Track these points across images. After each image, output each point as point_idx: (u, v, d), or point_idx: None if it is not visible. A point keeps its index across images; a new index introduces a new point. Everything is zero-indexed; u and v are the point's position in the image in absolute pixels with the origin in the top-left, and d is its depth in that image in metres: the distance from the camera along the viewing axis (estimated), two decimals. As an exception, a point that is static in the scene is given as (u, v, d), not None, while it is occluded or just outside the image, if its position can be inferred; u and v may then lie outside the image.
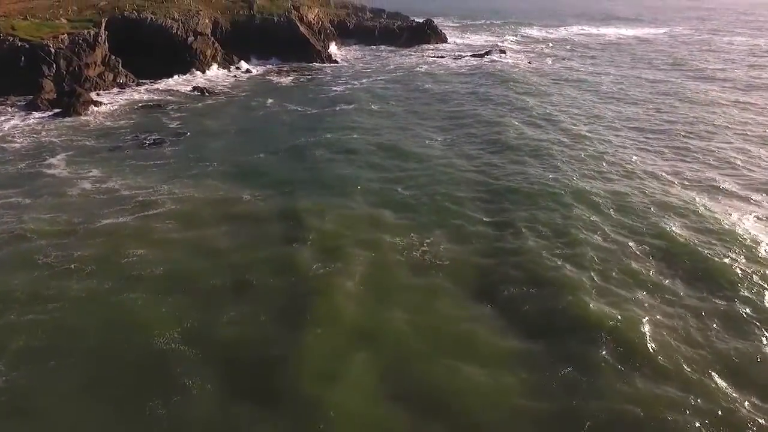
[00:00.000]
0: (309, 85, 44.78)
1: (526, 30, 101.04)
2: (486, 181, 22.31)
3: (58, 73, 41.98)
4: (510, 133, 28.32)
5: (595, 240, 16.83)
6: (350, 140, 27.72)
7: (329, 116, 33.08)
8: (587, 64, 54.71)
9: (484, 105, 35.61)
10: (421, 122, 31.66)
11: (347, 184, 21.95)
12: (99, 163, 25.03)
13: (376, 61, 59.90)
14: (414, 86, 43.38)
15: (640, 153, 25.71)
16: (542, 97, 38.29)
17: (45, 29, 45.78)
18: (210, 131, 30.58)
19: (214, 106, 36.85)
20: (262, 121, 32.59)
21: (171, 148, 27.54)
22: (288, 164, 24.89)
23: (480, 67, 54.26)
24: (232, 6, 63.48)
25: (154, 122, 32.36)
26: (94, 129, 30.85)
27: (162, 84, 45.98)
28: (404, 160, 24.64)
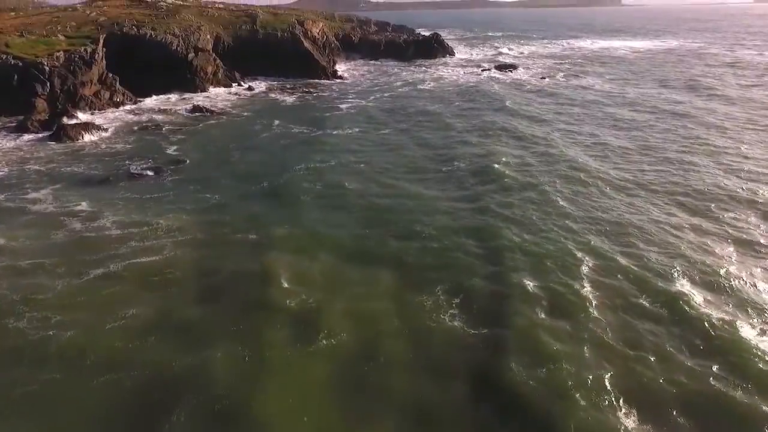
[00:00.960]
0: (314, 104, 42.84)
1: (534, 43, 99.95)
2: (490, 236, 19.37)
3: (52, 92, 40.10)
4: (523, 177, 24.45)
5: (607, 319, 14.21)
6: (354, 173, 25.17)
7: (333, 142, 30.39)
8: (602, 81, 52.37)
9: (494, 138, 31.33)
10: (426, 154, 28.84)
11: (353, 237, 19.44)
12: (90, 195, 22.84)
13: (383, 77, 58.22)
14: (421, 107, 40.92)
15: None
16: (558, 125, 34.10)
17: (40, 46, 44.01)
18: (210, 158, 28.51)
19: (214, 128, 34.84)
20: (265, 146, 30.43)
21: (169, 177, 25.43)
22: (291, 197, 22.69)
23: (490, 83, 52.34)
24: (235, 21, 61.97)
25: (151, 147, 30.33)
26: (87, 155, 28.78)
27: (161, 102, 44.12)
28: (407, 203, 22.07)
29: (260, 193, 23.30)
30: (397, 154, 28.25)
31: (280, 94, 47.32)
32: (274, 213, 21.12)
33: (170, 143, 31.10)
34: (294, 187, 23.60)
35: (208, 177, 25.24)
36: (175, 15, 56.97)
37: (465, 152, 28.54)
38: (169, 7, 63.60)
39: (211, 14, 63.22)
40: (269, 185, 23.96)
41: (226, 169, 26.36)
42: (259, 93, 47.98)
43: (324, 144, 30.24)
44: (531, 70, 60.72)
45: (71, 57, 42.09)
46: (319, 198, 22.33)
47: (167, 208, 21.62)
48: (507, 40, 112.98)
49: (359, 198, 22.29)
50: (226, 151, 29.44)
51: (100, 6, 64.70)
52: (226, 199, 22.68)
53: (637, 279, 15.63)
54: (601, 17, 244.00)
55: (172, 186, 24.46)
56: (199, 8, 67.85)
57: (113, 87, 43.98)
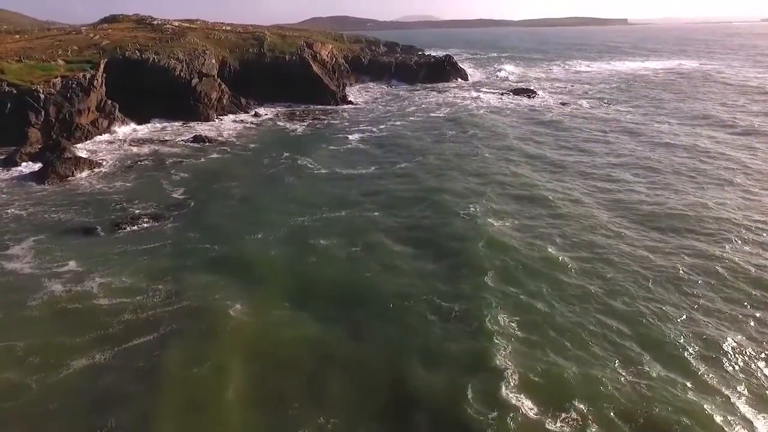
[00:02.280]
0: (323, 135, 40.10)
1: (546, 65, 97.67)
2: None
3: (47, 121, 37.71)
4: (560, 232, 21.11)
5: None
6: (368, 224, 22.17)
7: (344, 186, 27.29)
8: (629, 108, 49.43)
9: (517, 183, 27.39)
10: (446, 193, 26.02)
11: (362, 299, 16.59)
12: (78, 250, 20.07)
13: (394, 103, 55.74)
14: (437, 136, 38.26)
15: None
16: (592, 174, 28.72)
17: (37, 72, 41.80)
18: (213, 199, 25.74)
19: (218, 163, 32.16)
20: (271, 186, 27.50)
21: (169, 224, 22.65)
22: (297, 252, 19.77)
23: (510, 110, 49.67)
24: (242, 44, 59.99)
25: (149, 186, 27.62)
26: (78, 195, 26.08)
27: (162, 131, 41.66)
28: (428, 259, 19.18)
29: (263, 246, 20.38)
30: (411, 208, 24.65)
31: (288, 122, 44.79)
32: (278, 276, 18.15)
33: (170, 181, 28.40)
34: (300, 243, 20.57)
35: (210, 224, 22.46)
36: (180, 38, 55.06)
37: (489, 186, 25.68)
38: (175, 29, 61.84)
39: (217, 37, 61.34)
40: (275, 237, 21.00)
41: (228, 215, 23.54)
42: (266, 121, 45.49)
43: (334, 187, 27.27)
44: (550, 96, 57.78)
45: (68, 83, 39.82)
46: (327, 261, 19.08)
47: (165, 267, 18.87)
48: (516, 61, 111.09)
49: (370, 262, 19.21)
50: (230, 192, 26.65)
51: (105, 29, 63.08)
52: (227, 251, 19.84)
53: None
54: (610, 36, 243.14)
55: (172, 234, 21.69)
56: (205, 30, 66.13)
57: (112, 114, 41.61)
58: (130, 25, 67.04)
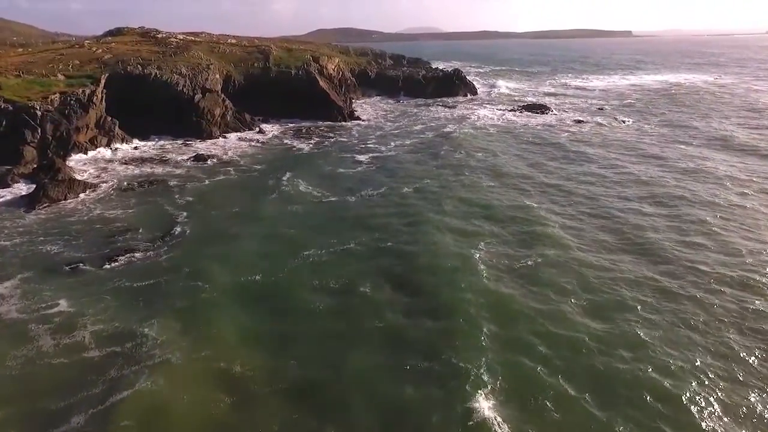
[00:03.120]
0: (330, 154, 38.37)
1: (556, 79, 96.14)
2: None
3: (43, 139, 36.24)
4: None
5: None
6: (366, 268, 19.96)
7: (351, 214, 25.25)
8: (646, 127, 47.28)
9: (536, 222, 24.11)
10: (452, 222, 24.02)
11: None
12: (68, 288, 18.46)
13: (403, 119, 54.16)
14: (445, 159, 35.90)
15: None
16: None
17: (36, 88, 40.52)
18: (213, 226, 24.03)
19: (219, 186, 30.43)
20: (274, 215, 25.50)
21: (164, 256, 20.95)
22: (291, 303, 17.89)
23: (522, 129, 47.92)
24: (247, 57, 58.78)
25: (146, 211, 25.94)
26: (70, 224, 24.40)
27: (163, 149, 40.14)
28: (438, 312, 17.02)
29: (255, 289, 18.52)
30: (426, 234, 22.88)
31: (293, 140, 43.19)
32: (267, 326, 16.31)
33: (168, 207, 26.72)
34: (297, 287, 18.72)
35: (206, 258, 20.68)
36: (184, 52, 53.82)
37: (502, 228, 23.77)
38: (179, 43, 60.72)
39: (222, 51, 60.19)
40: (267, 279, 19.10)
41: (226, 247, 21.74)
42: (271, 138, 43.92)
43: (339, 216, 25.27)
44: (563, 112, 55.93)
45: (67, 100, 38.48)
46: (330, 313, 17.00)
47: (156, 308, 17.30)
48: (525, 74, 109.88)
49: (379, 307, 17.34)
50: (230, 219, 24.87)
51: (109, 42, 62.05)
52: (216, 295, 18.02)
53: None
54: (616, 48, 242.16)
55: (166, 269, 20.00)
56: (210, 44, 65.06)
57: (111, 132, 40.19)
58: (134, 39, 66.07)
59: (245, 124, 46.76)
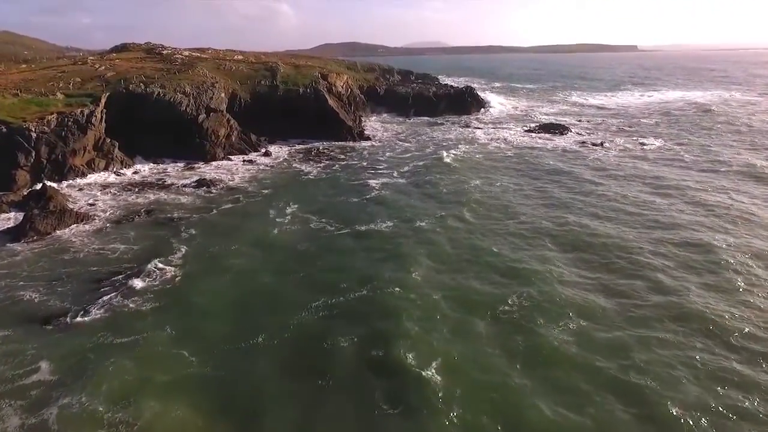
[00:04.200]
0: (339, 180, 35.99)
1: (568, 95, 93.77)
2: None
3: (37, 162, 34.38)
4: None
5: None
6: (392, 315, 17.61)
7: (362, 254, 22.93)
8: (669, 153, 43.35)
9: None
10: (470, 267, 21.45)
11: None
12: (49, 346, 16.33)
13: (413, 139, 51.97)
14: (457, 187, 33.36)
15: None
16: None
17: (32, 107, 38.72)
18: (211, 269, 21.69)
19: (221, 218, 28.04)
20: (276, 254, 23.14)
21: (152, 307, 18.54)
22: (298, 362, 15.49)
23: (539, 152, 45.43)
24: (254, 75, 57.06)
25: (143, 250, 23.55)
26: (58, 263, 22.18)
27: (165, 172, 38.07)
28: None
29: (252, 354, 16.04)
30: (439, 276, 20.67)
31: (301, 163, 41.01)
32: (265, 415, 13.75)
33: (165, 242, 24.44)
34: (297, 342, 16.33)
35: (198, 314, 18.34)
36: (189, 70, 52.19)
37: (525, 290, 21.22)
38: (184, 60, 59.23)
39: (228, 68, 58.54)
40: (268, 340, 16.59)
41: (222, 300, 19.31)
42: (278, 161, 41.77)
43: (349, 254, 22.93)
44: (581, 134, 53.20)
45: (64, 120, 36.61)
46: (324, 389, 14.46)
47: (135, 376, 15.03)
48: (540, 92, 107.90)
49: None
50: (229, 262, 22.40)
51: (113, 59, 60.64)
52: (202, 364, 15.55)
53: None
54: (624, 63, 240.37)
55: (152, 325, 17.70)
56: (216, 60, 63.53)
57: (110, 154, 38.23)
58: (139, 55, 64.72)
59: (251, 145, 44.73)
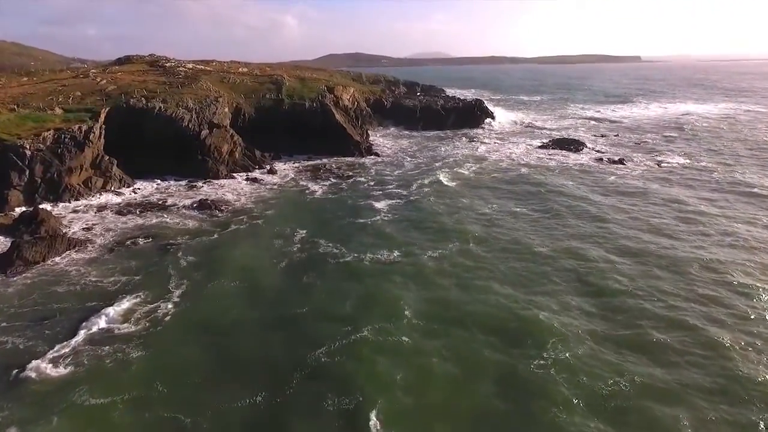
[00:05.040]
0: (346, 200, 34.15)
1: (578, 108, 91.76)
2: None
3: (31, 181, 32.80)
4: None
5: None
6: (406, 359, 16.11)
7: (361, 291, 20.89)
8: (690, 172, 41.31)
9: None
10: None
11: None
12: (23, 404, 14.57)
13: (421, 154, 50.22)
14: (469, 210, 31.41)
15: None
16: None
17: (29, 124, 37.24)
18: (208, 309, 19.76)
19: (223, 244, 26.19)
20: (279, 287, 21.22)
21: (137, 353, 16.69)
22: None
23: (556, 170, 43.45)
24: (258, 88, 55.67)
25: (137, 284, 21.68)
26: (44, 298, 20.47)
27: (165, 192, 36.35)
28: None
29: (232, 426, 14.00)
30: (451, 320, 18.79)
31: (308, 181, 39.28)
32: None
33: (161, 274, 22.63)
34: (299, 400, 14.42)
35: (189, 364, 16.48)
36: (192, 83, 50.82)
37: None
38: (187, 73, 57.95)
39: (232, 81, 57.22)
40: (267, 399, 14.70)
41: (215, 343, 17.54)
42: (283, 179, 40.03)
43: (356, 286, 21.19)
44: (597, 149, 51.27)
45: (61, 137, 35.09)
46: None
47: None
48: (549, 104, 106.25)
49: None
50: (229, 299, 20.55)
51: (115, 72, 59.46)
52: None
53: None
54: (628, 73, 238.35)
55: (137, 377, 15.95)
56: (220, 73, 62.28)
57: (108, 172, 36.60)
58: (142, 68, 63.56)
59: (255, 162, 43.08)
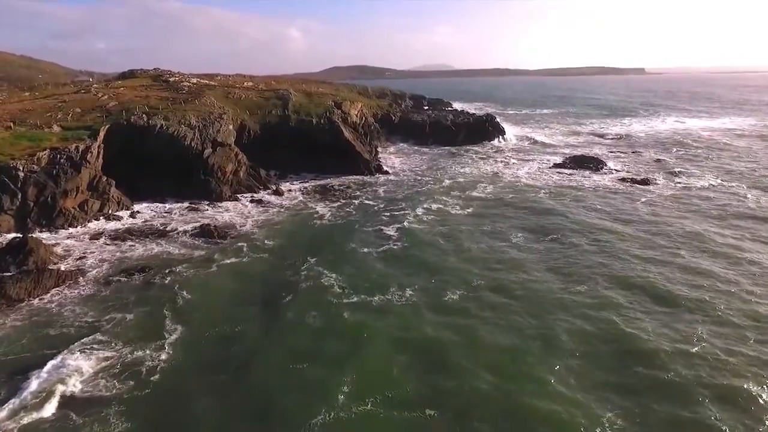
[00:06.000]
0: (354, 226, 31.89)
1: (590, 123, 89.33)
2: None
3: (24, 205, 30.94)
4: None
5: None
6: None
7: (378, 335, 18.85)
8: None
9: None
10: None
11: None
12: None
13: (431, 173, 48.11)
14: (482, 241, 28.68)
15: None
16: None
17: (23, 143, 35.50)
18: (205, 361, 17.58)
19: (226, 277, 24.10)
20: (286, 339, 18.92)
21: (120, 423, 14.53)
22: None
23: (577, 194, 40.88)
24: (264, 104, 54.04)
25: (128, 327, 19.55)
26: (20, 346, 18.39)
27: (166, 215, 34.42)
28: None
29: None
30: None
31: (315, 203, 37.28)
32: None
33: (156, 314, 20.55)
34: None
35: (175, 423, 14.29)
36: (195, 99, 49.17)
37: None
38: (191, 88, 56.45)
39: (237, 96, 55.66)
40: None
41: (209, 407, 15.32)
42: (291, 201, 38.04)
43: (364, 336, 18.88)
44: (619, 167, 48.87)
45: (56, 158, 33.32)
46: None
47: None
48: (558, 118, 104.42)
49: None
50: (229, 347, 18.36)
51: (117, 87, 58.07)
52: None
53: None
54: (633, 85, 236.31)
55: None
56: (225, 87, 60.83)
57: (106, 194, 34.73)
58: (145, 82, 62.14)
59: (260, 182, 41.18)
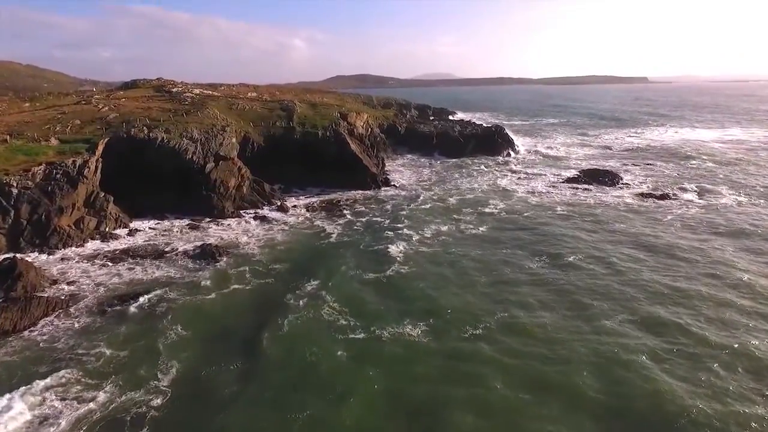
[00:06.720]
0: (360, 245, 30.32)
1: (599, 134, 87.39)
2: None
3: (16, 223, 29.55)
4: None
5: None
6: None
7: (385, 377, 17.14)
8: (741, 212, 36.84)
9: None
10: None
11: None
12: None
13: (439, 187, 46.54)
14: (491, 267, 26.54)
15: None
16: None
17: (19, 157, 34.24)
18: (199, 400, 16.03)
19: (221, 307, 22.27)
20: (286, 375, 17.27)
21: None
22: None
23: (595, 214, 38.62)
24: (268, 115, 52.79)
25: (118, 366, 17.94)
26: (8, 371, 16.81)
27: (165, 234, 32.90)
28: None
29: None
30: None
31: (321, 220, 35.75)
32: None
33: (150, 350, 18.93)
34: None
35: None
36: (198, 111, 47.93)
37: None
38: (194, 99, 55.30)
39: (240, 107, 54.45)
40: None
41: None
42: (296, 218, 36.48)
43: (370, 378, 17.18)
44: (635, 181, 46.89)
45: (52, 173, 31.99)
46: None
47: None
48: (567, 129, 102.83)
49: None
50: (223, 389, 16.70)
51: (119, 98, 56.98)
52: None
53: None
54: (639, 94, 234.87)
55: None
56: (228, 98, 59.68)
57: (103, 211, 33.30)
58: (147, 93, 61.11)
59: (264, 197, 39.71)
